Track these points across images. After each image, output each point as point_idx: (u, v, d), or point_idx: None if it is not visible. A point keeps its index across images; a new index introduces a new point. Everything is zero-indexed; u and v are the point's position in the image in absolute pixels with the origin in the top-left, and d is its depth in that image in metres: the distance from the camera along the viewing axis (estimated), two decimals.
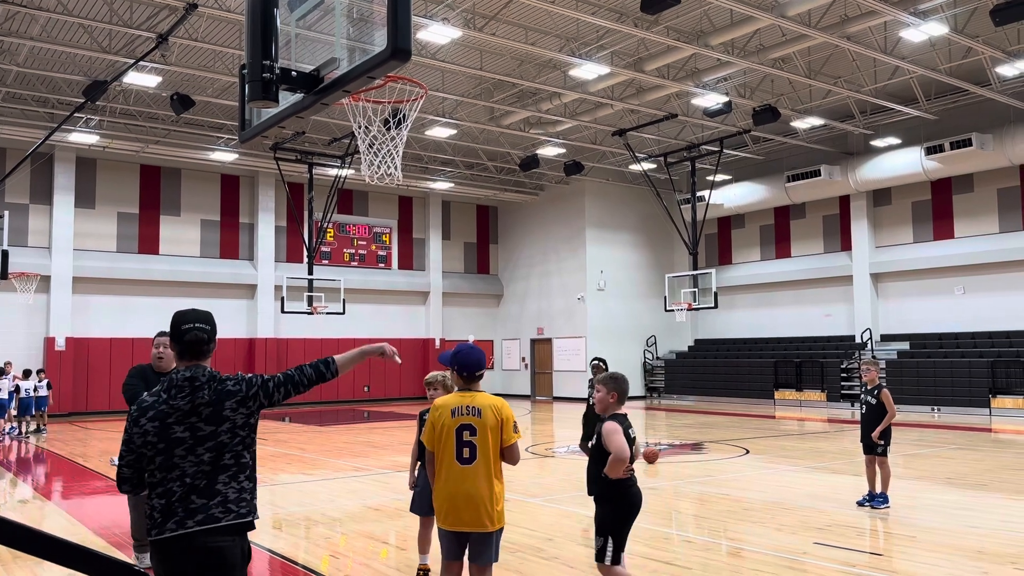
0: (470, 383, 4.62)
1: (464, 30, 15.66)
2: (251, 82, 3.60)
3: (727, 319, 28.89)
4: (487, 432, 4.49)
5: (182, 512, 3.14)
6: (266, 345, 26.51)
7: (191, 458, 3.19)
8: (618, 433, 4.82)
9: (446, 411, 4.53)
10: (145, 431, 3.22)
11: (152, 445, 3.21)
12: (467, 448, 4.46)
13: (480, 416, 4.50)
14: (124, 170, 25.10)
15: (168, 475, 3.18)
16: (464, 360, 4.64)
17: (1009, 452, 14.17)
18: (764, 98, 20.55)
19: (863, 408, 9.16)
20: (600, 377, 5.03)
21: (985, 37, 16.76)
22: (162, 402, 3.24)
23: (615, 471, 4.80)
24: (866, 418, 9.09)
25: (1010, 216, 22.22)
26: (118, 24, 15.38)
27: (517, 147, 25.58)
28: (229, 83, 19.13)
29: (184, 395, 3.23)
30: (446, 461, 4.49)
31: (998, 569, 6.43)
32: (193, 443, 3.20)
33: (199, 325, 3.36)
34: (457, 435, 4.47)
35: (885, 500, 8.88)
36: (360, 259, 29.54)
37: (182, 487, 3.17)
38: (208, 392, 3.25)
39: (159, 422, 3.21)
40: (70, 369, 23.42)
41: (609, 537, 4.85)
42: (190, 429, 3.21)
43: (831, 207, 26.21)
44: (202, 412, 3.23)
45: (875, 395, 8.99)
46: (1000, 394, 20.65)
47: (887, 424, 8.86)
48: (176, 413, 3.21)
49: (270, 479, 11.56)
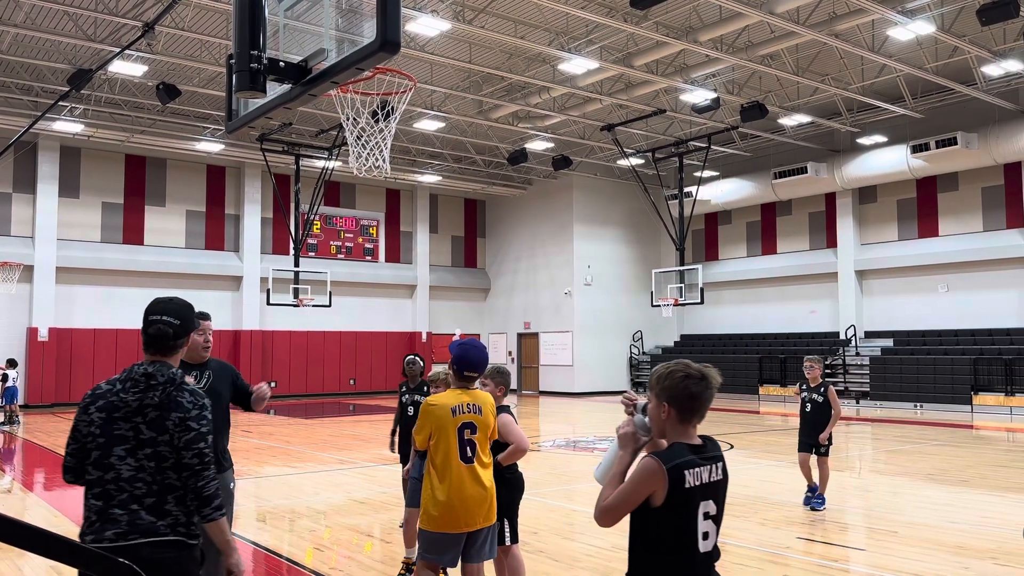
0: (463, 381, 4.52)
1: (453, 22, 15.61)
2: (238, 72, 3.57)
3: (713, 315, 29.01)
4: (486, 429, 4.47)
5: (126, 524, 2.89)
6: (251, 337, 26.40)
7: (130, 461, 2.94)
8: (516, 424, 4.84)
9: (444, 411, 4.38)
10: (91, 421, 3.01)
11: (93, 437, 2.99)
12: (469, 446, 4.37)
13: (481, 414, 4.45)
14: (109, 160, 24.90)
15: (104, 475, 2.95)
16: (459, 355, 4.50)
17: (990, 449, 14.32)
18: (752, 95, 20.60)
19: (807, 407, 8.84)
20: (489, 371, 4.93)
21: (971, 36, 16.86)
22: (114, 393, 3.02)
23: (514, 459, 4.82)
24: (810, 417, 8.80)
25: (994, 215, 22.40)
26: (103, 12, 15.23)
27: (505, 141, 25.54)
28: (216, 73, 18.99)
29: (137, 391, 3.00)
30: (451, 462, 4.34)
31: (979, 564, 6.49)
32: (134, 446, 2.96)
33: (165, 319, 3.12)
34: (459, 434, 4.36)
35: (822, 501, 8.67)
36: (347, 252, 29.44)
37: (120, 492, 2.92)
38: (160, 394, 3.00)
39: (106, 414, 2.99)
40: (53, 360, 23.24)
41: (506, 520, 4.89)
42: (134, 429, 2.97)
43: (817, 204, 26.34)
44: (147, 414, 2.98)
45: (821, 393, 8.75)
46: (982, 391, 20.84)
47: (835, 423, 8.68)
48: (124, 408, 2.99)
49: (255, 472, 11.52)
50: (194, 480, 2.98)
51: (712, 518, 2.64)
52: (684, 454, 2.60)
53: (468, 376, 4.50)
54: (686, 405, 2.65)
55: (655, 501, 2.55)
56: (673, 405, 2.67)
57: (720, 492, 2.69)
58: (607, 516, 2.62)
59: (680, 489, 2.54)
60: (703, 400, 2.68)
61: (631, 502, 2.58)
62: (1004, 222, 22.14)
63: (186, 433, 2.98)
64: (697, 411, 2.68)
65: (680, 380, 2.67)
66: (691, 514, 2.58)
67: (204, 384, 4.80)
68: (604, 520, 2.63)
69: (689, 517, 2.58)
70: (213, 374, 4.88)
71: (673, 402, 2.67)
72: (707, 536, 2.61)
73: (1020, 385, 20.21)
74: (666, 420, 2.68)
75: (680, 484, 2.54)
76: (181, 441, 2.98)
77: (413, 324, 30.38)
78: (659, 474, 2.54)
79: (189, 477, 2.98)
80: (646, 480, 2.55)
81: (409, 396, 7.63)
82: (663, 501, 2.54)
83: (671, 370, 2.72)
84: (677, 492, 2.54)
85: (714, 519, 2.65)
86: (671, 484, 2.53)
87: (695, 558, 2.59)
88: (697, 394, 2.66)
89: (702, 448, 2.67)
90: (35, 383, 22.95)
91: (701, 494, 2.60)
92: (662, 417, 2.69)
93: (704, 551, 2.61)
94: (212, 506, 3.00)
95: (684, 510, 2.57)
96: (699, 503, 2.59)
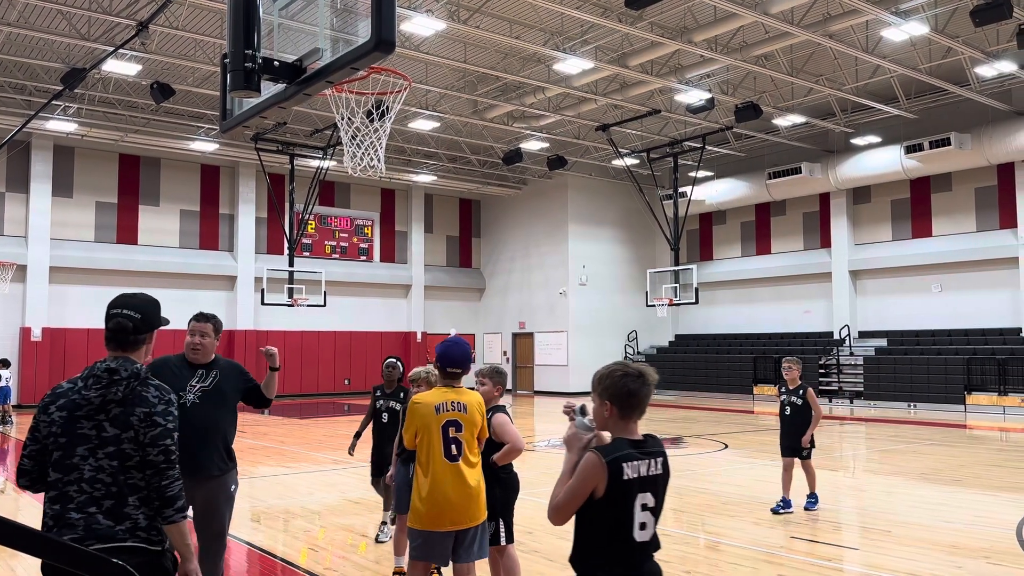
0: (448, 379, 4.53)
1: (448, 22, 15.60)
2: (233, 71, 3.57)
3: (708, 315, 29.04)
4: (472, 428, 4.46)
5: (82, 529, 2.78)
6: (245, 337, 26.35)
7: (91, 461, 2.82)
8: (511, 424, 4.85)
9: (428, 408, 4.40)
10: (52, 421, 2.88)
11: (55, 438, 2.86)
12: (454, 444, 4.37)
13: (466, 412, 4.44)
14: (103, 159, 24.83)
15: (65, 477, 2.83)
16: (444, 353, 4.51)
17: (983, 448, 14.37)
18: (746, 95, 20.64)
19: (787, 409, 8.66)
20: (486, 371, 4.96)
21: (965, 37, 16.91)
22: (75, 391, 2.90)
23: (510, 458, 4.83)
24: (791, 420, 8.61)
25: (987, 215, 22.47)
26: (97, 11, 15.18)
27: (500, 141, 25.54)
28: (210, 72, 18.94)
29: (99, 387, 2.88)
30: (433, 460, 4.35)
31: (972, 563, 6.51)
32: (96, 444, 2.84)
33: (126, 312, 3.00)
34: (443, 432, 4.36)
35: (815, 500, 8.61)
36: (342, 251, 29.40)
37: (79, 494, 2.81)
38: (123, 389, 2.89)
39: (67, 412, 2.87)
40: (46, 360, 23.17)
41: (501, 520, 4.89)
42: (97, 427, 2.85)
43: (811, 204, 26.39)
44: (110, 410, 2.87)
45: (800, 395, 8.56)
46: (975, 391, 20.90)
47: (817, 425, 8.52)
48: (87, 406, 2.87)
49: (249, 472, 11.50)
50: (158, 479, 2.89)
51: (650, 510, 2.78)
52: (623, 448, 2.75)
53: (452, 373, 4.51)
54: (626, 402, 2.81)
55: (597, 493, 2.70)
56: (614, 403, 2.81)
57: (659, 486, 2.83)
58: (558, 514, 2.76)
59: (619, 481, 2.69)
60: (641, 397, 2.82)
61: (579, 497, 2.71)
62: (997, 222, 22.21)
63: (152, 429, 2.88)
64: (636, 407, 2.83)
65: (620, 379, 2.82)
66: (629, 505, 2.73)
67: (209, 383, 4.78)
68: (556, 518, 2.77)
69: (627, 507, 2.73)
70: (220, 373, 4.87)
71: (614, 400, 2.81)
72: (644, 526, 2.76)
73: (1013, 385, 20.29)
74: (608, 417, 2.83)
75: (619, 476, 2.70)
76: (146, 437, 2.87)
77: (408, 324, 30.36)
78: (600, 467, 2.69)
79: (153, 475, 2.88)
80: (589, 474, 2.69)
81: (384, 402, 7.17)
82: (604, 493, 2.69)
83: (611, 370, 2.86)
84: (616, 484, 2.69)
85: (652, 511, 2.79)
86: (610, 476, 2.69)
87: (632, 546, 2.74)
88: (635, 391, 2.81)
89: (642, 444, 2.82)
90: (28, 383, 22.87)
91: (639, 486, 2.74)
92: (604, 415, 2.84)
93: (640, 540, 2.75)
94: (174, 507, 2.91)
95: (622, 501, 2.72)
96: (637, 495, 2.74)
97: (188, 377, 4.75)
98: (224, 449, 4.76)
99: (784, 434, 8.70)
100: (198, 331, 4.89)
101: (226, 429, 4.82)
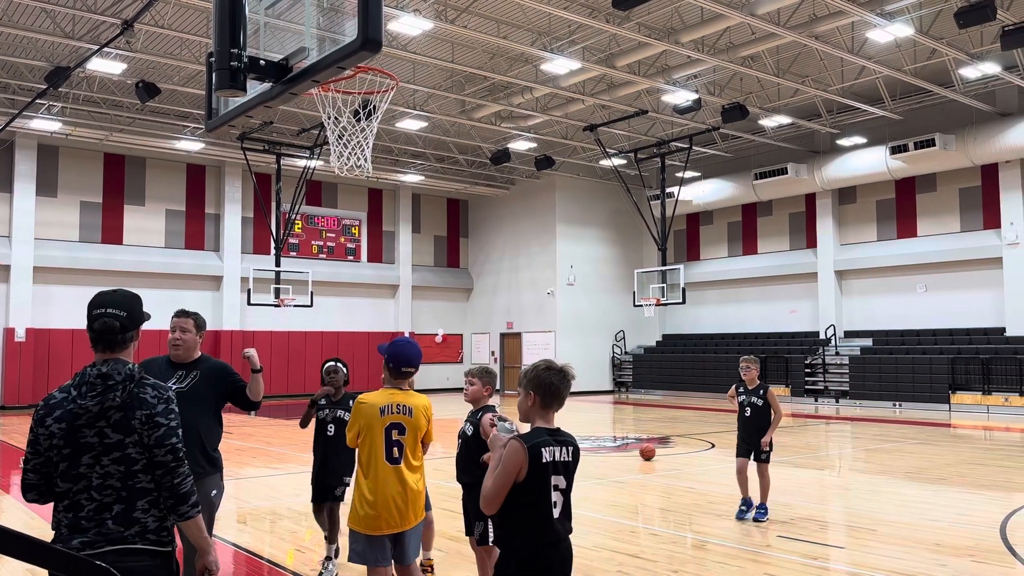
0: (399, 379, 4.48)
1: (436, 22, 15.58)
2: (218, 70, 3.55)
3: (695, 314, 29.14)
4: (416, 432, 4.42)
5: (93, 533, 2.77)
6: (232, 338, 26.23)
7: (98, 468, 2.80)
8: None
9: (373, 409, 4.36)
10: (51, 433, 2.82)
11: (58, 450, 2.81)
12: (396, 447, 4.34)
13: (411, 415, 4.41)
14: (87, 158, 24.65)
15: (74, 486, 2.81)
16: (395, 352, 4.46)
17: (968, 447, 14.47)
18: (733, 96, 20.72)
19: (747, 410, 8.22)
20: (476, 371, 4.94)
21: (949, 39, 17.03)
22: (71, 401, 2.83)
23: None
24: (750, 421, 8.21)
25: (971, 215, 22.65)
26: (82, 9, 15.08)
27: (488, 141, 25.53)
28: (196, 71, 18.84)
29: (95, 395, 2.82)
30: (374, 462, 4.32)
31: (956, 561, 6.56)
32: (100, 451, 2.81)
33: (111, 311, 2.91)
34: (386, 434, 4.33)
35: (765, 511, 8.10)
36: (329, 251, 29.31)
37: (90, 501, 2.80)
38: (121, 394, 2.84)
39: (67, 423, 2.81)
40: (30, 361, 22.98)
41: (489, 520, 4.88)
42: (99, 435, 2.81)
43: (797, 205, 26.52)
44: (111, 416, 2.82)
45: (761, 395, 8.14)
46: (960, 390, 21.06)
47: (777, 427, 8.16)
48: (85, 415, 2.81)
49: (235, 473, 11.44)
50: (169, 478, 2.87)
51: (561, 491, 3.21)
52: (542, 435, 3.18)
53: (406, 372, 4.48)
54: (547, 393, 3.23)
55: (520, 476, 3.11)
56: (537, 393, 3.23)
57: (569, 470, 3.25)
58: (490, 503, 3.12)
59: (538, 464, 3.12)
60: (561, 390, 3.26)
61: (507, 484, 3.09)
62: (981, 223, 22.39)
63: (155, 430, 2.86)
64: (556, 398, 3.26)
65: (543, 372, 3.25)
66: (546, 484, 3.15)
67: (186, 385, 4.72)
68: (488, 507, 3.14)
69: (544, 486, 3.15)
70: (201, 374, 4.80)
71: (537, 391, 3.23)
72: (556, 504, 3.19)
73: (997, 384, 20.45)
74: (531, 407, 3.25)
75: (538, 460, 3.12)
76: (151, 439, 2.85)
77: (396, 324, 30.30)
78: (522, 452, 3.10)
79: (164, 475, 2.87)
80: (513, 460, 3.09)
81: (329, 411, 6.25)
82: (525, 475, 3.10)
83: (537, 366, 3.29)
84: (536, 466, 3.11)
85: (563, 492, 3.22)
86: (531, 460, 3.10)
87: (549, 521, 3.16)
88: (556, 384, 3.24)
89: (557, 432, 3.25)
90: (12, 384, 22.68)
91: (553, 469, 3.17)
92: (528, 404, 3.25)
93: (555, 516, 3.18)
94: (189, 503, 2.90)
95: (540, 481, 3.13)
96: (551, 476, 3.17)
97: (168, 379, 4.70)
98: (201, 452, 4.69)
99: (742, 435, 8.30)
100: (178, 326, 4.84)
101: (203, 432, 4.74)
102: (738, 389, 8.36)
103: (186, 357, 4.83)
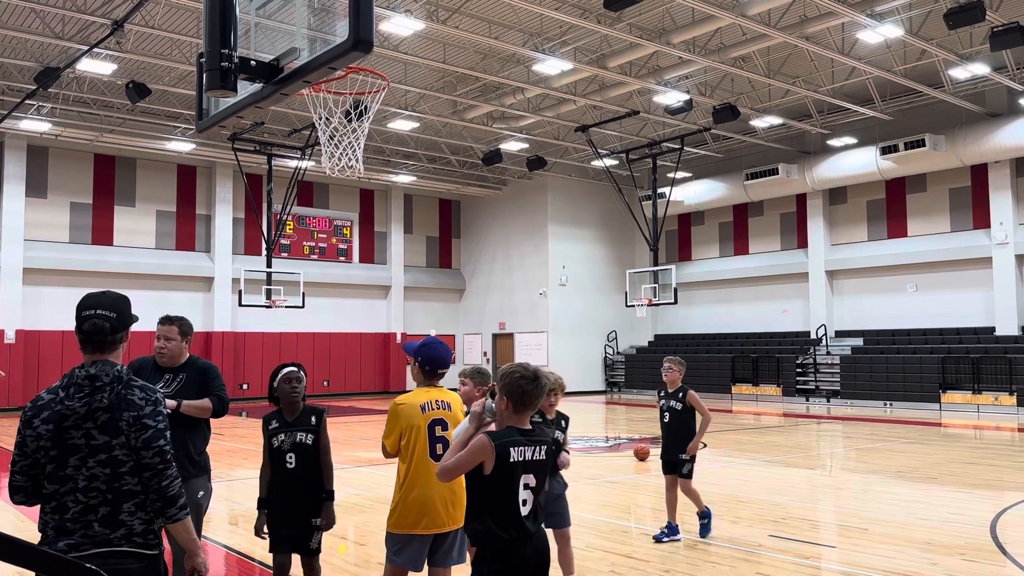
0: (433, 379, 4.48)
1: (427, 22, 15.57)
2: (209, 71, 3.54)
3: (686, 315, 29.20)
4: (455, 426, 4.38)
5: (79, 535, 2.76)
6: (223, 339, 26.15)
7: (84, 470, 2.79)
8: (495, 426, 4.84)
9: (415, 409, 4.31)
10: (39, 434, 2.81)
11: (45, 451, 2.80)
12: (440, 443, 4.28)
13: (451, 410, 4.40)
14: (77, 159, 24.53)
15: (61, 488, 2.79)
16: (431, 355, 4.45)
17: (958, 446, 14.54)
18: (724, 96, 20.76)
19: (666, 416, 7.36)
20: (469, 372, 4.89)
21: (939, 40, 17.12)
22: (58, 402, 2.82)
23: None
24: (670, 427, 7.33)
25: (961, 216, 22.76)
26: (72, 9, 15.00)
27: (480, 141, 25.52)
28: (186, 72, 18.77)
29: (82, 396, 2.81)
30: (417, 461, 4.25)
31: (947, 560, 6.59)
32: (87, 453, 2.79)
33: (100, 312, 2.91)
34: (430, 431, 4.30)
35: (709, 517, 7.40)
36: (320, 252, 29.25)
37: (76, 504, 2.78)
38: (108, 395, 2.82)
39: (54, 425, 2.80)
40: (20, 363, 22.85)
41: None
42: (86, 436, 2.80)
43: (788, 205, 26.60)
44: (98, 418, 2.80)
45: (681, 398, 7.29)
46: (950, 389, 21.16)
47: (705, 431, 7.29)
48: (73, 416, 2.80)
49: (226, 474, 11.40)
50: (157, 480, 2.86)
51: (531, 489, 3.26)
52: (512, 435, 3.24)
53: (440, 374, 4.49)
54: (519, 400, 3.27)
55: (485, 470, 3.18)
56: (510, 399, 3.27)
57: (542, 469, 3.30)
58: (446, 475, 3.27)
59: (506, 463, 3.18)
60: (534, 397, 3.28)
61: (464, 468, 3.22)
62: (971, 223, 22.50)
63: (143, 432, 2.84)
64: (528, 404, 3.29)
65: (516, 379, 3.27)
66: (513, 482, 3.21)
67: (171, 389, 4.74)
68: (443, 477, 3.30)
69: (511, 484, 3.21)
70: (187, 377, 4.81)
71: (510, 396, 3.27)
72: (526, 503, 3.24)
73: (987, 383, 20.56)
74: (504, 410, 3.30)
75: (506, 459, 3.19)
76: (138, 441, 2.83)
77: (388, 325, 30.25)
78: (488, 449, 3.18)
79: (151, 477, 2.85)
80: (477, 453, 3.19)
81: (288, 436, 4.93)
82: (491, 471, 3.17)
83: (511, 371, 3.31)
84: (503, 464, 3.18)
85: (533, 490, 3.26)
86: (498, 458, 3.18)
87: (516, 518, 3.22)
88: (528, 391, 3.27)
89: (531, 432, 3.30)
90: (1, 386, 22.54)
91: (523, 468, 3.23)
92: (502, 408, 3.31)
93: (523, 513, 3.23)
94: (177, 505, 2.89)
95: (508, 479, 3.20)
96: (520, 475, 3.22)
97: (155, 382, 4.71)
98: (186, 456, 4.70)
99: (664, 446, 7.40)
100: (163, 334, 4.84)
101: (187, 434, 4.77)
102: (659, 393, 7.59)
103: (172, 363, 4.84)
